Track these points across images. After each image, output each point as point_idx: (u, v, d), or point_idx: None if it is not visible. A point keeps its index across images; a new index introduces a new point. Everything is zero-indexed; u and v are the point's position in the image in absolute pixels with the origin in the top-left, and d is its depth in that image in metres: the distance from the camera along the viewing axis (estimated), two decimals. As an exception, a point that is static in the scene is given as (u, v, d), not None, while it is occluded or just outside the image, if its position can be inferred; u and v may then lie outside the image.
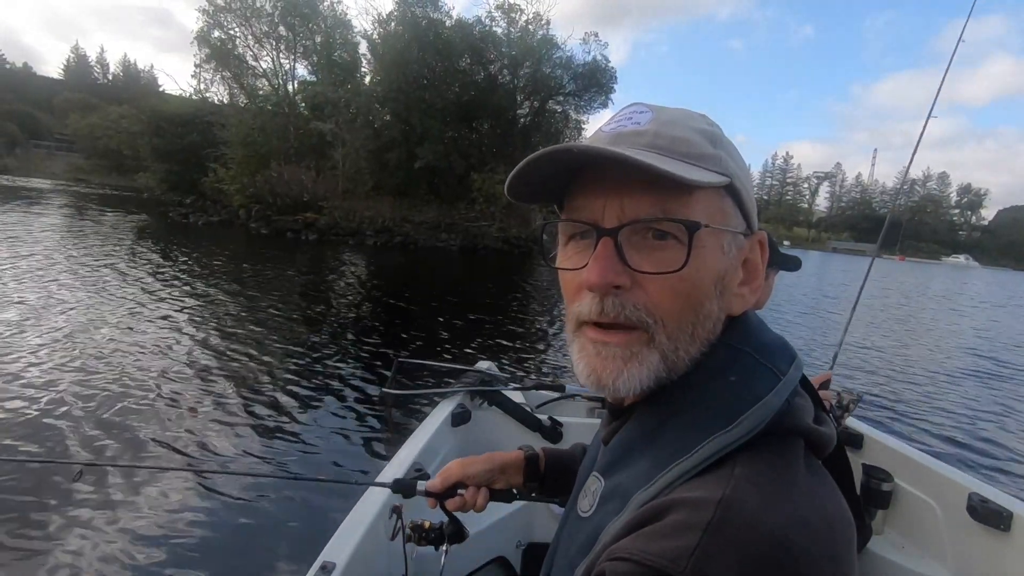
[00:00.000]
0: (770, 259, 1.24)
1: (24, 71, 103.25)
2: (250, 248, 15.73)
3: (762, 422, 0.41)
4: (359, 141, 22.40)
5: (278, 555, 2.60)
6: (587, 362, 0.47)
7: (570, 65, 26.44)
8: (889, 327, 12.50)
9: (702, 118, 0.49)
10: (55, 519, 2.67)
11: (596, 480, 0.51)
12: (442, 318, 8.08)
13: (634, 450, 0.48)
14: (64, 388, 4.19)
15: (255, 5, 24.83)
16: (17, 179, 43.94)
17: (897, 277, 35.53)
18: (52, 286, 7.51)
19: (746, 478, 0.38)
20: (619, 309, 0.45)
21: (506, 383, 2.08)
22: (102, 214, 20.44)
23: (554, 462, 0.87)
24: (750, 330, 0.48)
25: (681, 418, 0.45)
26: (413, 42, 22.52)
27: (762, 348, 0.46)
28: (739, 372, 0.45)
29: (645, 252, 0.45)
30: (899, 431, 5.02)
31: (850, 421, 1.95)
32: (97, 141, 41.43)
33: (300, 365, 5.29)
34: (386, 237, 19.62)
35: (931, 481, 1.61)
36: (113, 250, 11.73)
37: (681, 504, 0.38)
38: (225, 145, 22.21)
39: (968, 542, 1.47)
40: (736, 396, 0.43)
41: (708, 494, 0.37)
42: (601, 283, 0.44)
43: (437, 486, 0.85)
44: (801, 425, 0.43)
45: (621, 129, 0.47)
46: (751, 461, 0.40)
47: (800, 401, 0.46)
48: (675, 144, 0.45)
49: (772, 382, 0.44)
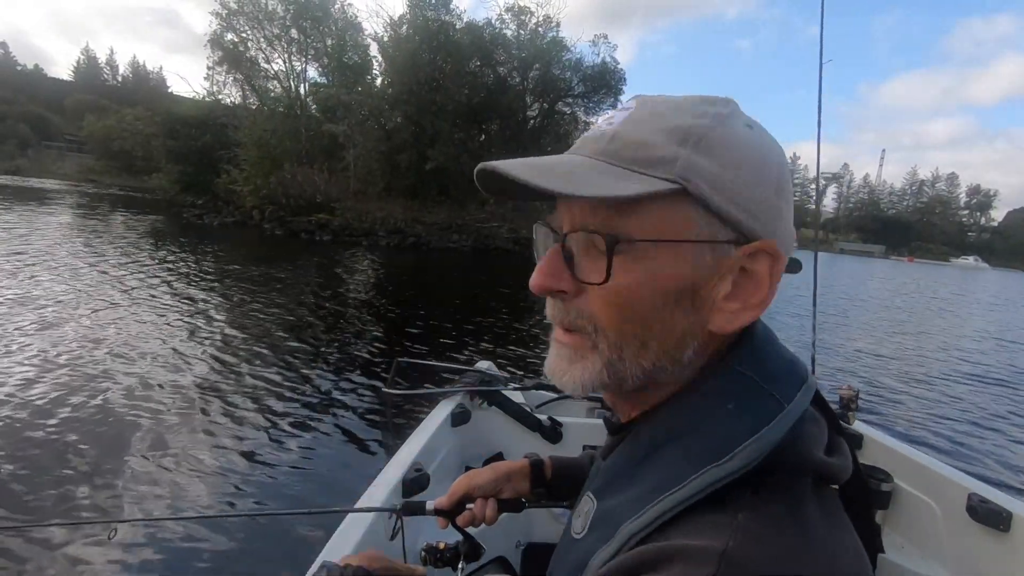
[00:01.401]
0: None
1: (35, 73, 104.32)
2: (265, 249, 15.95)
3: (759, 456, 0.39)
4: (371, 143, 22.62)
5: (278, 555, 2.58)
6: (548, 359, 0.50)
7: (579, 67, 26.57)
8: (899, 329, 12.54)
9: (694, 110, 0.44)
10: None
11: (589, 500, 0.50)
12: (448, 318, 8.15)
13: (626, 475, 0.47)
14: (107, 371, 4.38)
15: (267, 8, 25.14)
16: (29, 180, 44.57)
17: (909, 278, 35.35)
18: (77, 284, 7.74)
19: (750, 529, 0.36)
20: (563, 314, 0.46)
21: (506, 383, 2.09)
22: (118, 215, 20.74)
23: (561, 469, 0.86)
24: (755, 350, 0.45)
25: (674, 446, 0.43)
26: (424, 45, 22.71)
27: (767, 372, 0.44)
28: (738, 399, 0.42)
29: (589, 260, 0.44)
30: (899, 431, 5.01)
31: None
32: (112, 143, 41.96)
33: (303, 365, 5.32)
34: (399, 238, 19.79)
35: (931, 481, 1.62)
36: (133, 250, 11.97)
37: (682, 554, 0.36)
38: (238, 146, 22.49)
39: (968, 542, 1.47)
40: (733, 426, 0.41)
41: (709, 544, 0.35)
42: (537, 285, 0.46)
43: (445, 503, 0.84)
44: (808, 460, 0.41)
45: (592, 132, 0.47)
46: (756, 505, 0.38)
47: (810, 428, 0.43)
48: (625, 149, 0.43)
49: (774, 411, 0.41)
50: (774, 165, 0.44)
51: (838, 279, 27.84)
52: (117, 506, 2.83)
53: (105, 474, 3.09)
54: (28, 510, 2.72)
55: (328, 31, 25.71)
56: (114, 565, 2.39)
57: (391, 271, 14.05)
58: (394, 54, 24.04)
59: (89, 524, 2.53)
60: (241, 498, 3.02)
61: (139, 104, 45.12)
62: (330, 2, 25.97)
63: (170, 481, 3.10)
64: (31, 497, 2.81)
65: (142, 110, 31.44)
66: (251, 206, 21.48)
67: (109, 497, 2.89)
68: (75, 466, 3.14)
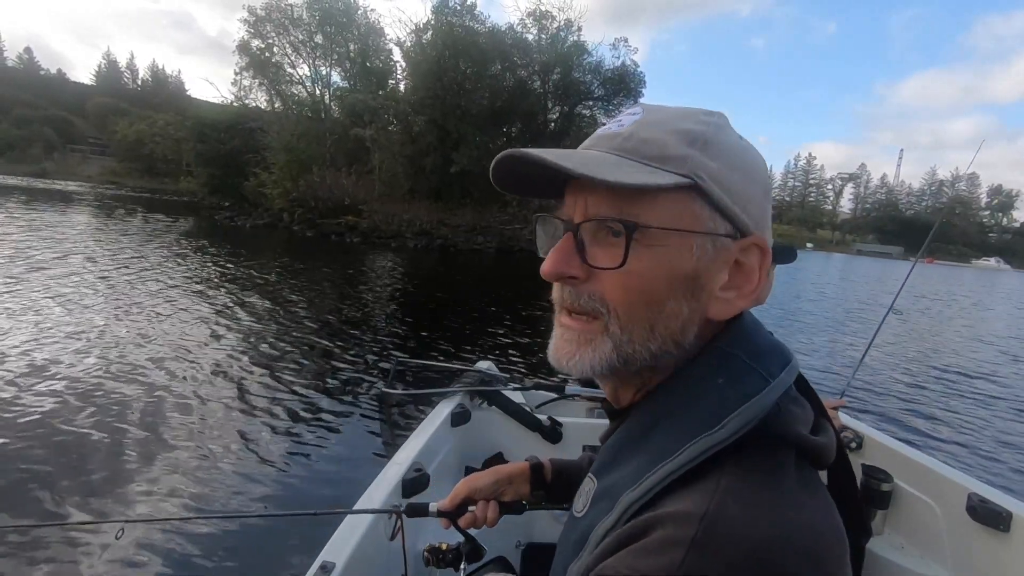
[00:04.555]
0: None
1: (58, 77, 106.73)
2: (298, 250, 16.35)
3: (747, 424, 0.42)
4: (396, 147, 23.05)
5: (276, 555, 2.59)
6: (553, 343, 0.51)
7: (599, 70, 26.77)
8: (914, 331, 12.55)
9: (696, 117, 0.49)
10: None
11: (590, 481, 0.52)
12: (464, 318, 8.27)
13: (625, 451, 0.49)
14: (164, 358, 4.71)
15: (294, 15, 25.73)
16: (56, 182, 45.77)
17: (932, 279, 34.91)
18: (126, 285, 8.12)
19: (731, 491, 0.39)
20: (575, 298, 0.49)
21: (506, 383, 2.09)
22: (154, 217, 21.36)
23: (560, 470, 0.89)
24: (743, 333, 0.49)
25: (670, 420, 0.46)
26: (449, 50, 23.07)
27: (753, 351, 0.47)
28: (728, 375, 0.45)
29: (601, 248, 0.47)
30: (899, 431, 5.01)
31: (850, 421, 1.97)
32: (144, 147, 43.24)
33: (308, 364, 5.37)
34: (426, 240, 20.20)
35: (931, 481, 1.61)
36: (176, 251, 12.46)
37: (668, 519, 0.38)
38: (266, 150, 23.09)
39: (968, 542, 1.47)
40: (723, 398, 0.44)
41: (693, 508, 0.38)
42: (550, 271, 0.48)
43: (447, 505, 0.87)
44: (791, 433, 0.44)
45: (603, 132, 0.50)
46: (737, 471, 0.41)
47: (795, 408, 0.46)
48: (641, 146, 0.47)
49: (760, 385, 0.44)
50: (762, 170, 0.50)
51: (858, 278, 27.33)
52: (120, 505, 2.85)
53: (105, 474, 3.11)
54: (34, 510, 2.74)
55: (351, 36, 26.23)
56: (115, 564, 2.41)
57: (414, 272, 14.24)
58: (418, 59, 24.44)
59: (93, 524, 2.59)
60: (241, 497, 3.02)
61: (161, 108, 46.57)
62: (353, 8, 26.54)
63: (171, 481, 3.10)
64: (38, 496, 2.85)
65: (173, 115, 32.31)
66: (279, 208, 22.08)
67: (112, 497, 2.91)
68: (83, 465, 3.18)
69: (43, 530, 2.55)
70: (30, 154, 61.98)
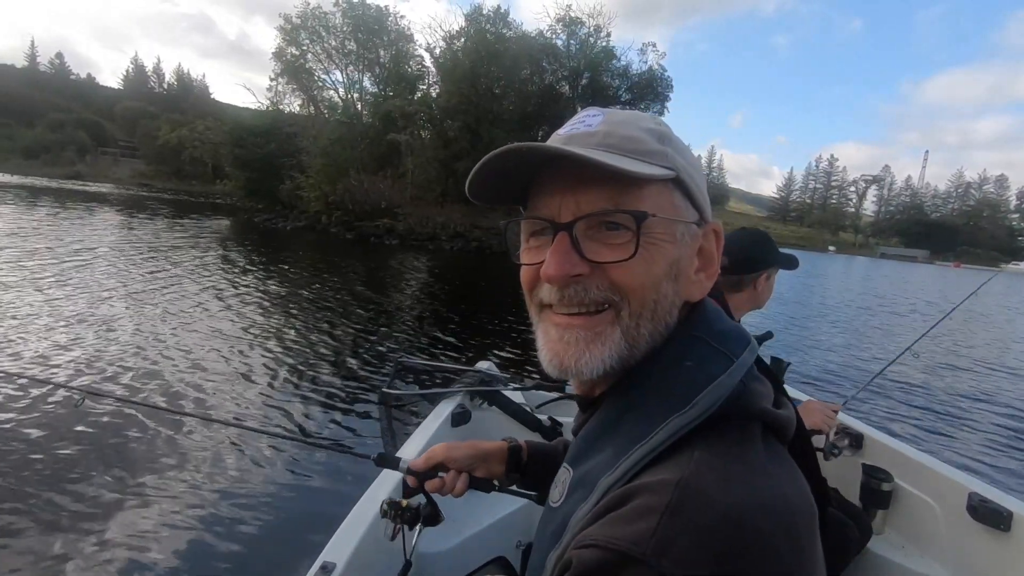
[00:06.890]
0: (770, 258, 1.67)
1: (88, 82, 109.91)
2: (340, 251, 16.77)
3: (716, 402, 0.44)
4: (429, 151, 23.48)
5: (276, 553, 2.59)
6: (550, 347, 0.51)
7: (627, 74, 27.00)
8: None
9: (651, 118, 0.53)
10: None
11: (566, 471, 0.53)
12: (485, 319, 8.40)
13: (599, 439, 0.50)
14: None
15: (328, 23, 26.35)
16: (89, 184, 47.07)
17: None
18: (184, 282, 8.64)
19: (704, 461, 0.40)
20: (582, 295, 0.49)
21: (506, 383, 2.08)
22: (196, 219, 22.02)
23: (536, 455, 0.89)
24: (706, 318, 0.52)
25: (642, 405, 0.47)
26: (482, 56, 23.49)
27: (717, 334, 0.50)
28: (695, 358, 0.47)
29: (599, 243, 0.48)
30: (899, 430, 4.99)
31: (850, 421, 1.94)
32: (184, 150, 44.75)
33: (311, 365, 5.38)
34: (461, 242, 20.66)
35: (931, 481, 1.61)
36: (227, 252, 12.99)
37: (643, 489, 0.39)
38: (303, 154, 23.63)
39: (968, 542, 1.47)
40: (691, 380, 0.45)
41: (668, 477, 0.39)
42: (559, 275, 0.48)
43: (420, 465, 0.86)
44: (757, 407, 0.46)
45: (574, 132, 0.51)
46: (709, 444, 0.42)
47: (758, 386, 0.48)
48: (624, 142, 0.48)
49: (726, 365, 0.46)
50: (701, 167, 0.56)
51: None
52: (114, 507, 2.84)
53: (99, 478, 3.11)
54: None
55: (381, 43, 26.77)
56: (115, 564, 2.42)
57: (446, 274, 14.48)
58: (450, 65, 24.87)
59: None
60: (239, 494, 3.04)
61: (187, 112, 47.83)
62: (385, 15, 27.08)
63: (171, 482, 3.12)
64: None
65: (212, 120, 33.31)
66: (316, 211, 22.64)
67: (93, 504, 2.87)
68: (87, 462, 3.24)
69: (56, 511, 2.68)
70: (64, 157, 63.78)
